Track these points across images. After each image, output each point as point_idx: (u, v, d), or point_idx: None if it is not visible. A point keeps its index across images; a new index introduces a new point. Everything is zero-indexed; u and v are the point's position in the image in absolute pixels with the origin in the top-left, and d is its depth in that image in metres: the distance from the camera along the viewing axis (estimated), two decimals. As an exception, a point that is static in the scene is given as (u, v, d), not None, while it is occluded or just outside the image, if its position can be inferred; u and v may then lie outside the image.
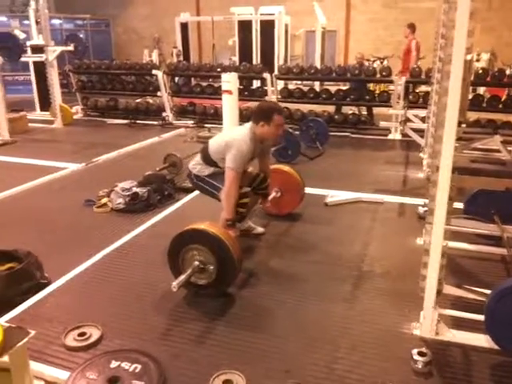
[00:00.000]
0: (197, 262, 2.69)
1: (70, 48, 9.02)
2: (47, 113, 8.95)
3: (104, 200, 4.26)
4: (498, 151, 5.50)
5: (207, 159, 3.27)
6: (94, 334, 2.37)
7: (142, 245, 3.55)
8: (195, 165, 3.34)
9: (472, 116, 7.31)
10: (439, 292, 2.37)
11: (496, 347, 2.22)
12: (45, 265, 2.93)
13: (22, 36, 10.86)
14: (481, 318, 2.24)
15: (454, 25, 2.04)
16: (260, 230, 3.72)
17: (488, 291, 2.33)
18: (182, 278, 2.61)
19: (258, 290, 2.91)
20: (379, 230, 3.87)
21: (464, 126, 2.43)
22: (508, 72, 8.19)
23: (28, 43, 9.48)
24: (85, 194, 4.45)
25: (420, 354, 2.17)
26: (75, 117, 9.22)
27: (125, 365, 2.10)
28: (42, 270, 2.90)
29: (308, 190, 4.78)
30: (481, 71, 7.49)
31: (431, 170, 2.32)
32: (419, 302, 2.40)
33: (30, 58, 9.09)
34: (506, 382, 2.11)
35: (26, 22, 12.53)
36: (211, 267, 2.69)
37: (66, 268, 3.09)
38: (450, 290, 2.46)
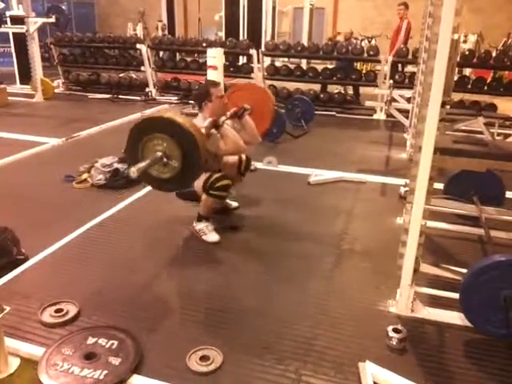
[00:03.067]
0: (159, 153, 2.48)
1: (52, 20, 8.73)
2: (28, 86, 8.72)
3: (84, 176, 4.19)
4: (481, 133, 5.54)
5: None
6: (72, 310, 2.35)
7: (122, 220, 3.52)
8: None
9: (457, 97, 7.33)
10: (416, 270, 2.40)
11: (470, 325, 2.26)
12: (22, 241, 2.89)
13: (0, 6, 10.51)
14: (456, 296, 2.27)
15: (441, 3, 2.01)
16: (235, 204, 3.72)
17: (464, 270, 2.36)
18: (143, 164, 2.43)
19: (237, 267, 2.91)
20: (361, 209, 3.89)
21: (448, 107, 2.42)
22: (494, 54, 8.22)
23: (8, 13, 9.17)
24: (65, 170, 4.37)
25: (395, 330, 2.20)
26: (56, 91, 9.03)
27: (101, 341, 2.10)
28: (18, 245, 2.86)
29: (291, 169, 4.80)
30: (467, 52, 7.49)
31: (414, 150, 2.32)
32: (397, 281, 2.43)
33: (9, 29, 8.81)
34: (478, 357, 2.16)
35: (5, -9, 12.08)
36: (175, 161, 2.49)
37: (44, 244, 3.05)
38: (426, 268, 2.49)
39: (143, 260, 2.97)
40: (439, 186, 3.42)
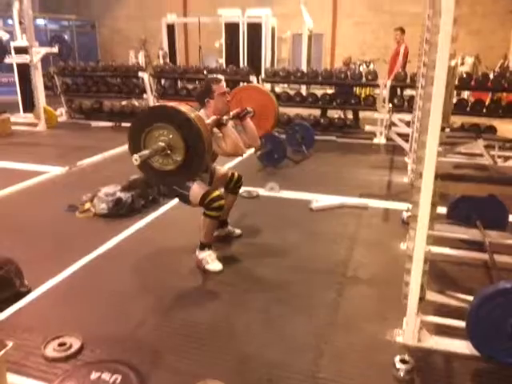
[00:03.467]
0: (162, 143, 2.46)
1: (55, 50, 8.93)
2: (31, 115, 8.83)
3: (87, 205, 4.20)
4: (481, 155, 5.57)
5: None
6: (75, 343, 2.32)
7: (126, 251, 3.51)
8: None
9: (456, 121, 7.39)
10: (422, 298, 2.38)
11: (477, 354, 2.23)
12: (25, 272, 2.88)
13: (5, 37, 10.73)
14: (463, 324, 2.25)
15: (438, 30, 2.05)
16: (238, 231, 3.71)
17: (470, 297, 2.34)
18: (145, 152, 2.41)
19: (240, 297, 2.89)
20: (364, 235, 3.88)
21: (448, 130, 2.45)
22: (491, 76, 8.32)
23: (12, 44, 9.36)
24: (68, 199, 4.39)
25: (402, 361, 2.17)
26: (59, 119, 9.13)
27: (105, 376, 2.07)
28: (22, 277, 2.85)
29: (293, 195, 4.81)
30: (465, 76, 7.59)
31: (415, 176, 2.33)
32: (402, 309, 2.41)
33: (13, 59, 8.97)
34: (487, 388, 2.13)
35: (10, 21, 12.34)
36: (178, 153, 2.47)
37: (47, 275, 3.04)
38: (432, 296, 2.47)
39: (146, 291, 2.96)
40: (442, 209, 3.42)
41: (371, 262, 3.36)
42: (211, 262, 3.18)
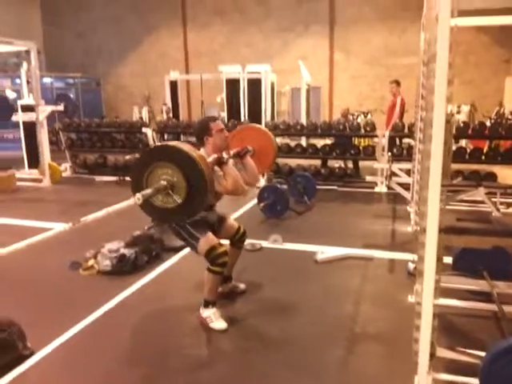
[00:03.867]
0: (164, 182, 2.49)
1: (60, 108, 9.18)
2: (36, 171, 8.95)
3: (90, 262, 4.19)
4: (483, 202, 5.59)
5: None
6: (77, 410, 2.26)
7: (129, 309, 3.47)
8: None
9: (456, 167, 7.46)
10: (432, 355, 2.32)
11: (493, 413, 2.15)
12: (28, 333, 2.84)
13: (12, 96, 11.07)
14: (475, 381, 2.18)
15: (433, 90, 2.12)
16: (242, 286, 3.68)
17: (481, 353, 2.29)
18: (149, 191, 2.43)
19: (245, 357, 2.83)
20: (370, 288, 3.84)
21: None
22: (488, 123, 8.49)
23: (19, 102, 9.64)
24: (71, 256, 4.38)
25: (416, 423, 2.09)
26: (64, 174, 9.24)
27: None
28: (25, 340, 2.81)
29: (297, 247, 4.80)
30: (462, 124, 7.74)
31: (418, 232, 2.34)
32: (413, 366, 2.35)
33: (20, 117, 9.21)
34: None
35: (17, 80, 12.78)
36: (180, 193, 2.49)
37: (51, 336, 2.99)
38: (443, 352, 2.41)
39: (149, 352, 2.90)
40: (448, 259, 3.40)
41: (379, 317, 3.30)
42: (215, 320, 3.13)
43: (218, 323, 3.12)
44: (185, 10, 16.17)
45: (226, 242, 3.38)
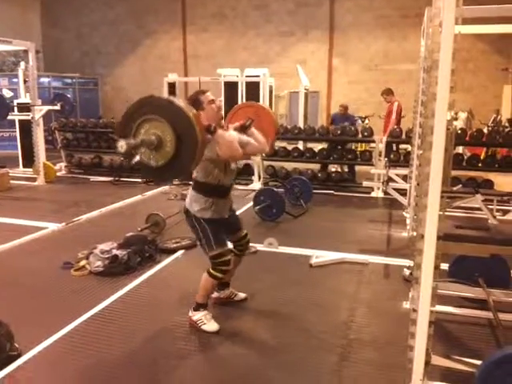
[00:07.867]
0: (153, 137, 2.38)
1: (57, 107, 9.12)
2: (30, 169, 8.89)
3: (82, 262, 4.13)
4: (479, 209, 5.57)
5: (196, 185, 3.11)
6: (64, 414, 2.21)
7: (119, 311, 3.40)
8: (188, 198, 3.16)
9: (452, 174, 7.44)
10: (427, 363, 2.29)
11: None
12: (16, 334, 2.78)
13: (8, 95, 11.02)
14: (471, 391, 2.15)
15: (434, 97, 2.09)
16: (242, 295, 3.60)
17: (477, 361, 2.25)
18: (133, 141, 2.32)
19: (238, 362, 2.78)
20: (365, 293, 3.79)
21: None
22: (485, 130, 8.49)
23: (15, 101, 9.58)
24: (63, 256, 4.33)
25: (410, 433, 2.05)
26: (58, 174, 9.18)
27: None
28: (12, 340, 2.75)
29: (292, 250, 4.76)
30: (459, 131, 7.74)
31: (415, 238, 2.30)
32: (407, 373, 2.31)
33: (16, 116, 9.16)
34: None
35: (15, 79, 12.72)
36: (168, 146, 2.38)
37: (39, 337, 2.93)
38: (438, 360, 2.38)
39: (140, 355, 2.85)
40: (444, 266, 3.37)
41: (374, 323, 3.26)
42: (207, 321, 3.09)
43: (210, 325, 3.08)
44: (185, 13, 16.14)
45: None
